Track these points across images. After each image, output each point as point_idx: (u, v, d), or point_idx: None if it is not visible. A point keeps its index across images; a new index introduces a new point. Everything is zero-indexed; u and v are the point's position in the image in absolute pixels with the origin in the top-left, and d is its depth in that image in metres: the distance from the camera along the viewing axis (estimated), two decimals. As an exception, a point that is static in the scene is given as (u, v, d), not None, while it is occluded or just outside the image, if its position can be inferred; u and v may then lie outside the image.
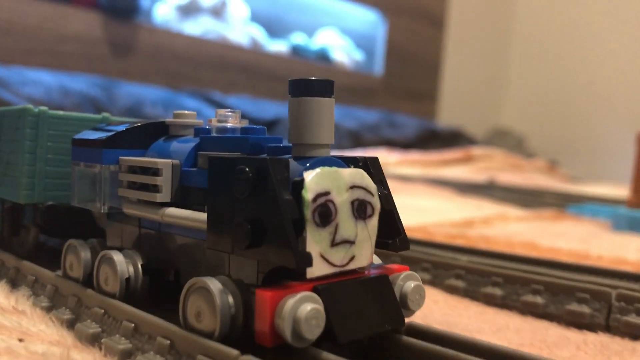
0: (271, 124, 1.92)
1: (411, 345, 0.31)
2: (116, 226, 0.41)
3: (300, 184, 0.29)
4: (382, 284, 0.32)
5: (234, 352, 0.28)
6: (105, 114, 0.51)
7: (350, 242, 0.31)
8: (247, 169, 0.29)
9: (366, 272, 0.32)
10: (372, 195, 0.32)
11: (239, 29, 2.14)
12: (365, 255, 0.32)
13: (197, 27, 2.04)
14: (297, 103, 0.32)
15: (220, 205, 0.31)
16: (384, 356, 0.31)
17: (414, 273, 0.33)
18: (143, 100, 1.83)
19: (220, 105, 1.88)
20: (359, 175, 0.32)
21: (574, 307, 0.46)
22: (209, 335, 0.29)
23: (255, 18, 2.24)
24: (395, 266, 0.34)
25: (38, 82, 1.64)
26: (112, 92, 1.79)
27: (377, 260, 0.36)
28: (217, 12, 2.09)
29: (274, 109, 1.99)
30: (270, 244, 0.29)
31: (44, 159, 0.46)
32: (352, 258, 0.31)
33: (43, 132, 0.46)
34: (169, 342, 0.30)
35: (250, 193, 0.29)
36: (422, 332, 0.33)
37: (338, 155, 0.33)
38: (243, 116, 0.38)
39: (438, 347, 0.30)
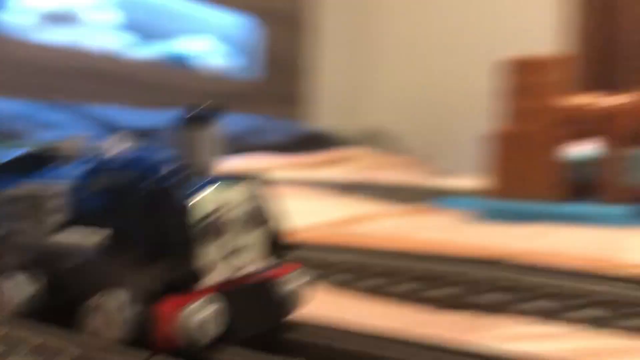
0: (146, 133, 1.89)
1: (294, 339, 0.35)
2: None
3: (192, 202, 0.32)
4: (270, 285, 0.36)
5: (145, 353, 0.30)
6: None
7: (242, 251, 0.34)
8: (141, 189, 0.32)
9: (258, 274, 0.36)
10: (260, 206, 0.36)
11: (106, 36, 2.09)
12: (255, 261, 0.35)
13: (60, 36, 1.97)
14: (180, 133, 0.35)
15: (117, 226, 0.33)
16: (272, 350, 0.35)
17: (301, 271, 0.37)
18: (1, 115, 1.74)
19: (87, 116, 1.83)
20: (247, 190, 0.35)
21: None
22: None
23: (125, 25, 2.20)
24: (284, 267, 0.38)
25: None
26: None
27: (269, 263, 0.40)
28: (77, 21, 2.03)
29: (147, 117, 1.97)
30: (165, 260, 0.32)
31: None
32: (244, 265, 0.35)
33: None
34: (80, 350, 0.32)
35: (145, 213, 0.32)
36: (305, 325, 0.37)
37: (226, 174, 0.37)
38: (115, 127, 0.40)
39: (319, 340, 0.34)
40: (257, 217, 0.35)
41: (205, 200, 0.32)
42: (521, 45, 1.61)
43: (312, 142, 2.50)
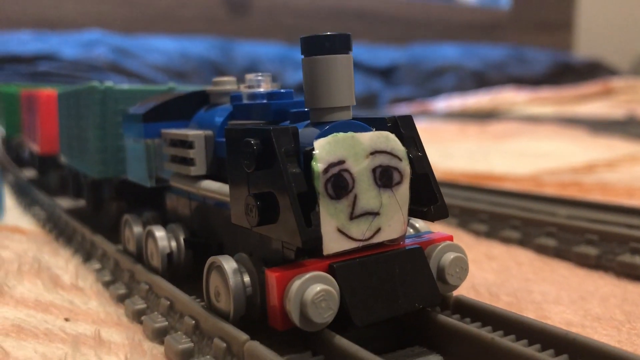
0: (387, 71, 1.87)
1: (446, 323, 0.27)
2: (173, 198, 0.41)
3: (310, 154, 0.27)
4: (413, 257, 0.29)
5: (244, 336, 0.26)
6: (172, 85, 0.51)
7: (374, 214, 0.28)
8: (252, 142, 0.27)
9: (399, 244, 0.29)
10: (400, 159, 0.29)
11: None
12: (394, 226, 0.29)
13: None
14: (309, 63, 0.29)
15: (236, 179, 0.29)
16: (418, 336, 0.29)
17: (456, 244, 0.30)
18: (260, 59, 1.85)
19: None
20: (383, 139, 0.28)
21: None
22: (227, 316, 0.28)
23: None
24: (436, 235, 0.31)
25: (160, 49, 1.71)
26: (229, 53, 1.83)
27: (424, 228, 0.33)
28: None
29: (390, 54, 1.94)
30: (280, 221, 0.27)
31: (113, 134, 0.47)
32: (378, 230, 0.28)
33: (110, 108, 0.47)
34: (194, 322, 0.30)
35: (257, 167, 0.27)
36: (464, 307, 0.29)
37: (363, 117, 0.30)
38: (357, 65, 0.35)
39: (473, 328, 0.27)
40: (396, 172, 0.28)
41: (323, 151, 0.27)
42: None
43: (575, 72, 2.24)
